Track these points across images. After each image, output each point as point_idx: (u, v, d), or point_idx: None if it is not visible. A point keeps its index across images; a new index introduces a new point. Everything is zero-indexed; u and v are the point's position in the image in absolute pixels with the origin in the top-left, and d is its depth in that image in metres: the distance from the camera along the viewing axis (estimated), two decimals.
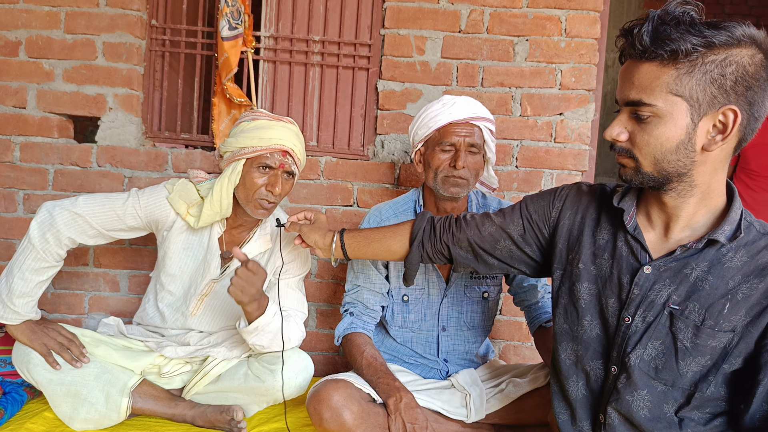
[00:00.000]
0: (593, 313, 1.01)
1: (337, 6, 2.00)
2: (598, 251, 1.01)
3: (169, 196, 1.46)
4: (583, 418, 1.02)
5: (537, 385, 1.38)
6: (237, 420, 1.40)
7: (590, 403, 1.01)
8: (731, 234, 0.87)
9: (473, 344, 1.55)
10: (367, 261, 1.50)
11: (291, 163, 1.44)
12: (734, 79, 0.79)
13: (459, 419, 1.38)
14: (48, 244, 1.37)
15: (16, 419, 1.40)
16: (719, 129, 0.82)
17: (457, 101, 1.44)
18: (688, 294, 0.89)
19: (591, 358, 1.01)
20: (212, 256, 1.51)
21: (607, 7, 1.96)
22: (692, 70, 0.79)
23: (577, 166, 1.93)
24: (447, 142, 1.41)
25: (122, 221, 1.44)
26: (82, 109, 1.92)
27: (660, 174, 0.87)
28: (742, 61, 0.78)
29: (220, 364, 1.49)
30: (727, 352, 0.86)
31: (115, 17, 1.90)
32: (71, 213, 1.39)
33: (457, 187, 1.41)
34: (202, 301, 1.52)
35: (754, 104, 0.81)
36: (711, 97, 0.80)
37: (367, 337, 1.46)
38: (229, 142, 1.43)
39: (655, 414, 0.91)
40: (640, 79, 0.83)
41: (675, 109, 0.81)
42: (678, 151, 0.84)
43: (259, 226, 1.55)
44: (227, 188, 1.41)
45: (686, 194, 0.89)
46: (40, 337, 1.37)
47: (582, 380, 1.02)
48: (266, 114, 1.45)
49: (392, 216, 1.53)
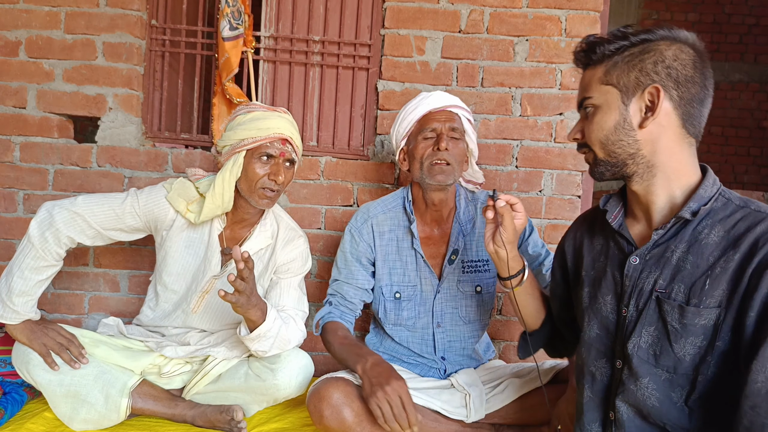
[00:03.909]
0: (590, 313, 1.04)
1: (337, 6, 2.00)
2: (595, 256, 1.07)
3: (168, 194, 1.47)
4: (591, 420, 1.03)
5: (537, 384, 1.38)
6: (237, 420, 1.40)
7: (597, 404, 1.02)
8: (697, 209, 0.91)
9: (470, 339, 1.55)
10: (350, 257, 1.53)
11: (291, 150, 1.46)
12: (653, 62, 0.91)
13: (459, 419, 1.38)
14: (47, 243, 1.37)
15: (16, 419, 1.40)
16: (648, 107, 0.92)
17: (434, 93, 1.50)
18: (672, 276, 0.92)
19: (595, 359, 1.03)
20: (213, 253, 1.51)
21: (607, 7, 1.96)
22: (617, 63, 0.94)
23: (577, 166, 1.93)
24: (428, 128, 1.45)
25: (121, 220, 1.45)
26: (82, 109, 1.93)
27: (612, 157, 0.96)
28: (659, 49, 0.91)
29: (221, 363, 1.49)
30: (718, 328, 0.87)
31: (115, 17, 1.90)
32: (70, 212, 1.39)
33: (442, 174, 1.42)
34: (203, 298, 1.52)
35: (680, 83, 0.90)
36: (635, 80, 0.92)
37: (341, 324, 1.47)
38: (227, 135, 1.44)
39: (665, 404, 0.91)
40: (583, 83, 0.99)
41: (608, 96, 0.95)
42: (617, 131, 0.94)
43: (259, 223, 1.55)
44: (229, 181, 1.42)
45: (649, 176, 0.96)
46: (40, 337, 1.37)
47: (588, 383, 1.04)
48: (261, 105, 1.47)
49: (380, 213, 1.56)
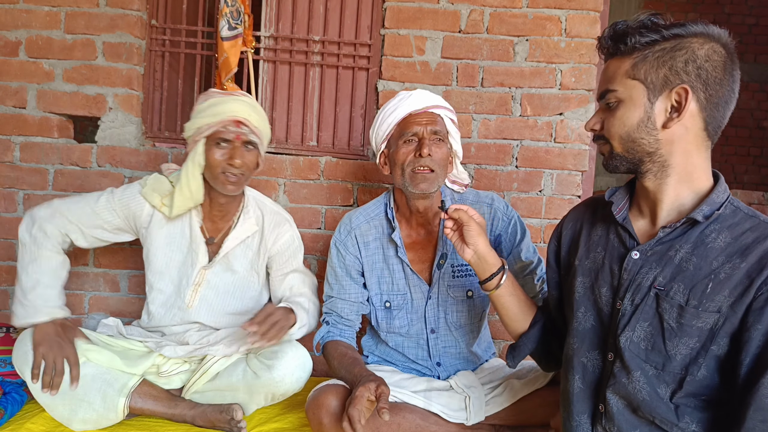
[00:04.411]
0: (587, 304, 1.04)
1: (337, 6, 2.00)
2: (592, 246, 1.06)
3: (142, 189, 1.49)
4: (580, 411, 1.03)
5: (537, 386, 1.37)
6: (237, 420, 1.40)
7: (587, 396, 1.02)
8: (709, 213, 0.90)
9: (465, 344, 1.53)
10: (340, 272, 1.51)
11: (248, 132, 1.44)
12: (684, 61, 0.88)
13: (459, 422, 1.36)
14: (36, 239, 1.42)
15: (16, 419, 1.40)
16: (675, 107, 0.90)
17: (413, 93, 1.44)
18: (673, 275, 0.92)
19: (587, 350, 1.03)
20: (197, 245, 1.52)
21: (607, 7, 1.96)
22: (646, 57, 0.90)
23: (577, 166, 1.93)
24: (409, 132, 1.39)
25: (98, 216, 1.47)
26: (82, 109, 1.92)
27: (629, 153, 0.95)
28: (692, 47, 0.88)
29: (219, 361, 1.49)
30: (714, 333, 0.87)
31: (115, 17, 1.90)
32: (48, 209, 1.46)
33: (425, 183, 1.38)
34: (197, 291, 1.53)
35: (709, 85, 0.88)
36: (664, 78, 0.89)
37: (341, 342, 1.47)
38: (188, 126, 1.46)
39: (654, 398, 0.92)
40: (608, 74, 0.96)
41: (634, 92, 0.92)
42: (639, 128, 0.92)
43: (242, 212, 1.56)
44: (193, 171, 1.44)
45: (662, 175, 0.94)
46: (46, 346, 1.32)
47: (578, 373, 1.03)
48: (219, 92, 1.48)
49: (363, 223, 1.52)
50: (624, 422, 0.95)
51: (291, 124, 2.03)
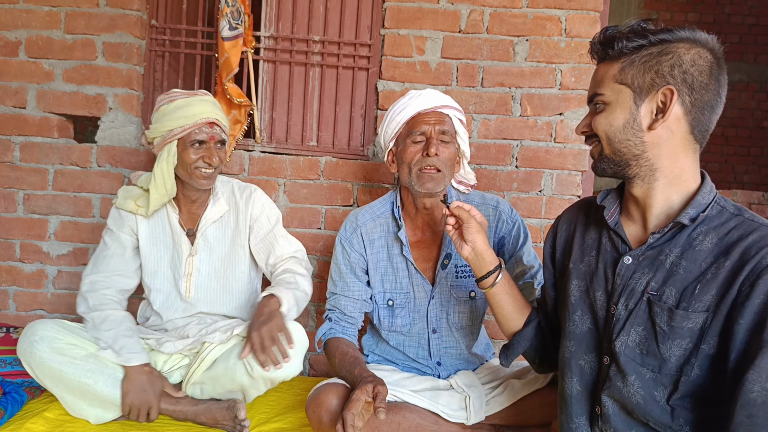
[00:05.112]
0: (583, 308, 1.05)
1: (337, 6, 2.00)
2: (586, 250, 1.07)
3: (116, 204, 1.58)
4: (578, 414, 1.04)
5: (537, 386, 1.37)
6: (240, 418, 1.40)
7: (585, 398, 1.03)
8: (695, 215, 0.91)
9: (466, 344, 1.53)
10: (344, 269, 1.51)
11: (219, 132, 1.53)
12: (670, 66, 0.90)
13: (459, 422, 1.37)
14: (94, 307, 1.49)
15: (16, 419, 1.40)
16: (660, 109, 0.92)
17: (423, 92, 1.45)
18: (665, 279, 0.93)
19: (584, 353, 1.04)
20: (179, 236, 1.59)
21: (607, 7, 1.96)
22: (633, 62, 0.93)
23: (577, 166, 1.93)
24: (417, 131, 1.40)
25: (115, 252, 1.56)
26: (82, 109, 1.93)
27: (616, 155, 0.97)
28: (678, 52, 0.90)
29: (216, 348, 1.47)
30: (704, 332, 0.88)
31: (115, 17, 1.90)
32: (84, 283, 1.53)
33: (432, 182, 1.39)
34: (190, 281, 1.58)
35: (695, 89, 0.90)
36: (650, 81, 0.91)
37: (343, 339, 1.46)
38: (154, 127, 1.51)
39: (648, 402, 0.93)
40: (597, 78, 0.98)
41: (620, 96, 0.94)
42: (625, 130, 0.94)
43: (212, 195, 1.61)
44: (167, 170, 1.50)
45: (650, 179, 0.96)
46: (140, 395, 1.39)
47: (576, 376, 1.04)
48: (181, 92, 1.53)
49: (369, 221, 1.52)
50: (620, 423, 0.97)
51: (291, 124, 2.03)
